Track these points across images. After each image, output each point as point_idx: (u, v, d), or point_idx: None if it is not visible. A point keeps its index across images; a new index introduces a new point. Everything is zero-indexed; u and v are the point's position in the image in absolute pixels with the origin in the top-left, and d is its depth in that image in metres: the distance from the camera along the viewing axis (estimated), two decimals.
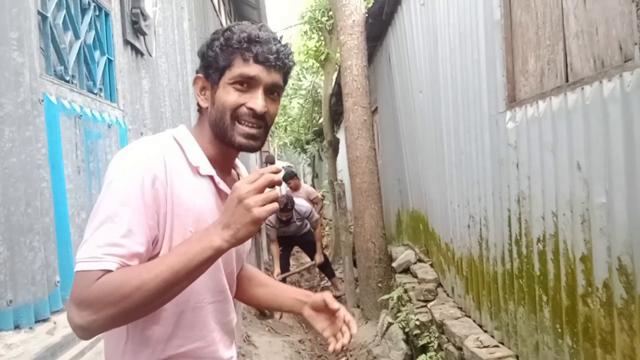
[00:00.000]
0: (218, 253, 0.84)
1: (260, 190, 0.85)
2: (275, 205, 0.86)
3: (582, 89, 1.89)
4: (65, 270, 1.94)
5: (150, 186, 0.88)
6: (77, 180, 2.10)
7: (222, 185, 1.01)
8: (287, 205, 5.85)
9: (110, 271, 0.82)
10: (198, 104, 1.02)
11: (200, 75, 1.02)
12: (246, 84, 0.96)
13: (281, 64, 0.98)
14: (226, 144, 0.99)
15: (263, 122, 0.98)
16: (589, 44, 1.92)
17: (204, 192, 0.98)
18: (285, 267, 6.42)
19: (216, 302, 1.04)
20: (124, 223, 0.85)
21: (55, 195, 1.90)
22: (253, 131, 0.97)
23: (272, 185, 0.87)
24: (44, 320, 1.75)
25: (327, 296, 1.12)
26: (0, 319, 1.52)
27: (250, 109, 0.95)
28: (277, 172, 0.88)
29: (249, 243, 1.20)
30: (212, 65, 0.98)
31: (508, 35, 2.55)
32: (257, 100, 0.96)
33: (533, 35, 2.34)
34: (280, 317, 5.88)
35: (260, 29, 0.99)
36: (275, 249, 6.31)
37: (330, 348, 1.09)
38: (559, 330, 2.14)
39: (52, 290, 1.82)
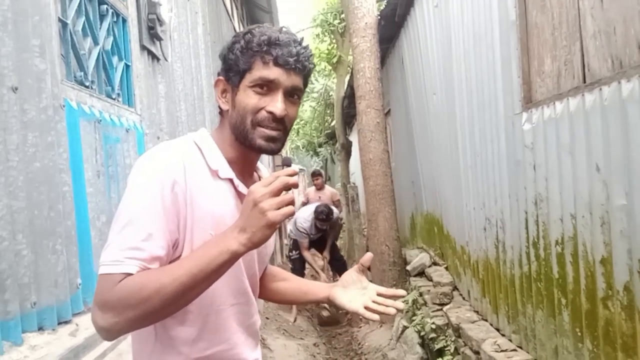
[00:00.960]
0: (235, 257, 0.85)
1: (276, 194, 0.84)
2: (291, 208, 0.84)
3: (600, 89, 1.87)
4: (86, 273, 1.97)
5: (169, 191, 0.90)
6: (97, 184, 2.14)
7: (242, 188, 1.01)
8: (327, 216, 5.89)
9: (131, 274, 0.84)
10: (219, 107, 1.03)
11: (221, 77, 1.03)
12: (266, 87, 0.96)
13: (301, 66, 0.97)
14: (247, 146, 0.99)
15: (282, 125, 0.98)
16: (606, 44, 1.90)
17: (224, 195, 0.99)
18: (301, 269, 6.42)
19: (238, 304, 1.05)
20: (144, 227, 0.87)
21: (77, 199, 1.93)
22: (273, 133, 0.97)
23: (287, 188, 0.86)
24: (66, 322, 1.78)
25: (365, 258, 1.15)
26: (24, 320, 1.55)
27: (270, 112, 0.96)
28: (293, 174, 0.87)
29: (271, 245, 1.22)
30: (233, 68, 0.98)
31: (524, 36, 2.53)
32: (276, 104, 0.95)
33: (549, 36, 2.33)
34: (294, 320, 5.88)
35: (281, 31, 0.99)
36: (309, 254, 6.33)
37: (369, 315, 1.09)
38: (579, 334, 2.11)
39: (74, 293, 1.86)
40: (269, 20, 9.82)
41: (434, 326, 3.55)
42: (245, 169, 1.05)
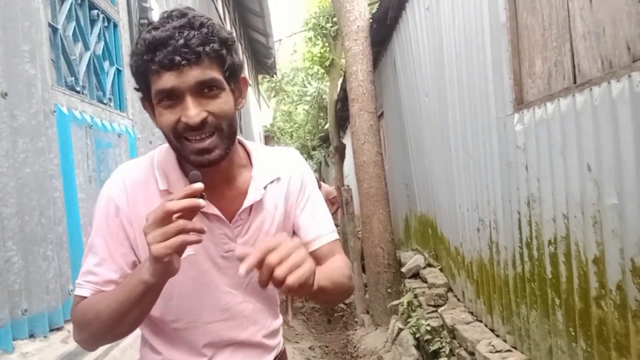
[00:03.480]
0: (149, 287, 0.81)
1: (160, 224, 0.74)
2: (180, 238, 0.74)
3: (591, 90, 1.89)
4: None
5: (114, 216, 0.93)
6: (89, 190, 2.13)
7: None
8: None
9: (86, 297, 0.91)
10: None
11: (142, 100, 0.92)
12: (173, 97, 0.83)
13: (194, 56, 0.80)
14: (188, 163, 0.90)
15: (210, 128, 0.85)
16: (596, 45, 1.92)
17: None
18: None
19: (220, 320, 1.01)
20: (97, 252, 0.92)
21: (68, 205, 1.92)
22: (202, 145, 0.85)
23: (184, 215, 0.75)
24: (58, 329, 1.76)
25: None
26: (15, 328, 1.53)
27: (185, 123, 0.83)
28: (190, 194, 0.76)
29: (304, 240, 1.05)
30: (141, 89, 0.88)
31: (514, 37, 2.55)
32: (187, 112, 0.83)
33: (539, 37, 2.34)
34: (291, 320, 5.87)
35: (166, 21, 0.83)
36: None
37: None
38: (573, 333, 2.12)
39: (66, 299, 1.84)
40: (261, 24, 9.83)
41: (429, 328, 3.55)
42: (210, 181, 0.87)
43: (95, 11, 2.39)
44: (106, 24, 2.54)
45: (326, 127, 11.50)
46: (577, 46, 2.04)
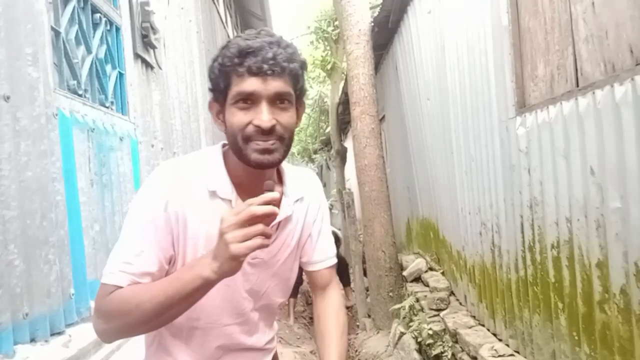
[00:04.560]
0: (207, 283, 0.85)
1: (242, 225, 0.81)
2: (257, 241, 0.81)
3: (594, 93, 1.88)
4: (80, 283, 1.95)
5: (162, 209, 0.93)
6: (91, 193, 2.12)
7: None
8: (335, 243, 5.96)
9: (121, 287, 0.90)
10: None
11: (211, 100, 1.01)
12: (248, 100, 0.91)
13: (279, 69, 0.90)
14: (246, 163, 0.95)
15: (275, 135, 0.93)
16: (599, 48, 1.91)
17: (218, 216, 0.96)
18: (300, 276, 6.41)
19: (234, 324, 1.06)
20: (137, 244, 0.92)
21: (70, 208, 1.92)
22: (267, 145, 0.92)
23: (260, 220, 0.82)
24: (59, 333, 1.76)
25: None
26: (16, 332, 1.53)
27: (257, 126, 0.91)
28: (269, 202, 0.83)
29: (311, 260, 1.17)
30: (216, 89, 0.96)
31: (516, 41, 2.55)
32: (261, 116, 0.90)
33: (542, 41, 2.34)
34: (293, 322, 5.86)
35: (257, 36, 0.93)
36: None
37: None
38: (576, 338, 2.11)
39: (67, 303, 1.83)
40: (262, 27, 9.85)
41: (431, 332, 3.53)
42: (252, 187, 0.97)
43: (98, 15, 2.39)
44: (108, 27, 2.54)
45: (328, 130, 11.50)
46: (579, 49, 2.04)
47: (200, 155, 1.04)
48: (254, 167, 0.95)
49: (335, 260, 1.22)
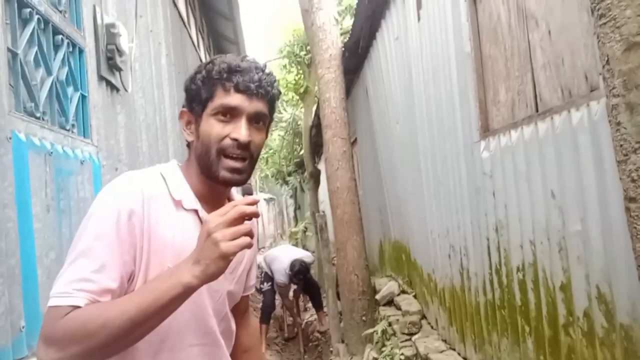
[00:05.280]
0: (188, 290, 0.81)
1: (231, 224, 0.81)
2: (246, 239, 0.82)
3: (552, 118, 1.93)
4: (31, 315, 1.85)
5: (126, 220, 0.88)
6: (46, 220, 2.04)
7: None
8: (305, 275, 6.02)
9: (79, 307, 0.81)
10: (186, 139, 1.02)
11: (184, 109, 1.02)
12: (229, 114, 0.95)
13: (263, 92, 0.96)
14: (211, 178, 0.97)
15: (248, 152, 0.96)
16: (555, 75, 1.97)
17: (186, 227, 0.96)
18: (271, 301, 6.29)
19: (201, 345, 1.00)
20: (97, 258, 0.85)
21: (22, 236, 1.83)
22: (238, 165, 0.95)
23: (247, 218, 0.84)
24: None
25: None
26: None
27: (234, 139, 0.93)
28: (252, 203, 0.85)
29: (249, 279, 1.19)
30: (195, 99, 0.98)
31: (479, 67, 2.61)
32: (240, 130, 0.94)
33: (502, 67, 2.41)
34: (264, 350, 5.72)
35: (243, 59, 0.98)
36: (290, 304, 6.41)
37: None
38: None
39: (17, 336, 1.73)
40: (235, 51, 9.89)
41: (402, 357, 3.49)
42: (214, 201, 1.01)
43: (60, 36, 2.34)
44: (71, 49, 2.49)
45: (301, 153, 11.52)
46: (538, 76, 2.10)
47: (157, 169, 1.01)
48: (220, 184, 0.97)
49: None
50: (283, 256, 6.27)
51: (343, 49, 5.31)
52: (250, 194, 0.90)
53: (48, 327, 0.82)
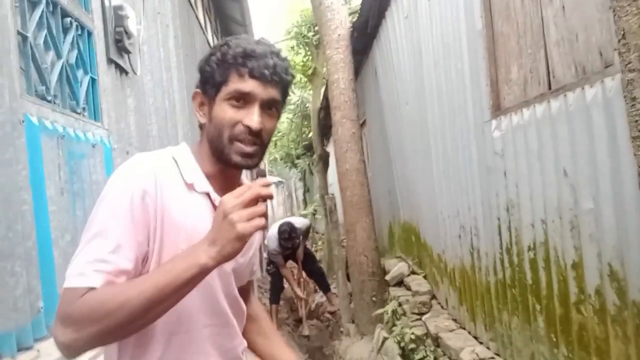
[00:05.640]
0: (204, 270, 0.82)
1: (247, 205, 0.82)
2: (262, 221, 0.82)
3: (565, 95, 1.90)
4: (49, 295, 1.89)
5: (139, 201, 0.88)
6: (61, 202, 2.06)
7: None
8: (290, 234, 5.91)
9: (95, 288, 0.82)
10: (198, 120, 1.02)
11: (198, 90, 1.01)
12: (242, 99, 0.94)
13: (278, 78, 0.95)
14: (223, 162, 0.97)
15: (259, 139, 0.96)
16: (569, 51, 1.94)
17: (199, 209, 0.96)
18: (279, 282, 6.35)
19: (213, 325, 1.01)
20: (112, 238, 0.85)
21: (38, 218, 1.86)
22: (249, 149, 0.95)
23: (262, 199, 0.84)
24: (27, 349, 1.70)
25: None
26: None
27: (246, 126, 0.93)
28: (266, 185, 0.85)
29: (254, 264, 1.19)
30: (209, 81, 0.97)
31: (490, 45, 2.57)
32: (252, 117, 0.93)
33: (515, 45, 2.37)
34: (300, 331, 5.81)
35: (258, 42, 0.97)
36: (287, 272, 6.33)
37: None
38: (554, 339, 2.12)
39: (35, 317, 1.77)
40: (243, 33, 9.82)
41: (413, 336, 3.53)
42: (225, 184, 1.01)
43: (69, 19, 2.34)
44: (80, 32, 2.49)
45: (310, 135, 11.50)
46: (551, 53, 2.06)
47: (169, 151, 1.01)
48: (232, 167, 0.98)
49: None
50: (275, 225, 6.30)
51: (352, 29, 5.24)
52: (264, 176, 0.92)
53: (65, 308, 0.82)
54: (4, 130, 1.67)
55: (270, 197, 0.86)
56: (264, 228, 0.85)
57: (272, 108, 0.97)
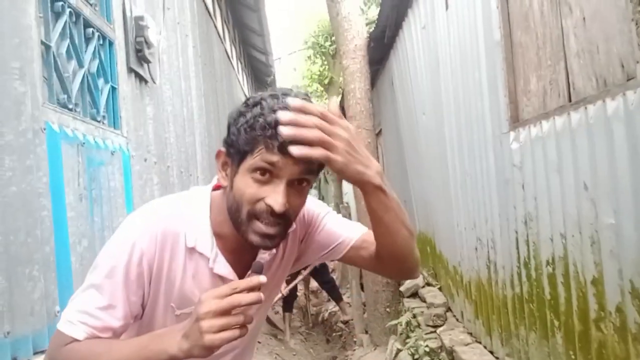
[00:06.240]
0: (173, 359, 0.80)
1: (222, 313, 0.75)
2: (234, 332, 0.76)
3: (586, 108, 1.87)
4: (66, 300, 1.91)
5: (136, 263, 0.88)
6: (79, 208, 2.10)
7: (221, 269, 0.93)
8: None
9: (78, 340, 0.85)
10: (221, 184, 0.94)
11: (222, 150, 0.91)
12: (268, 173, 0.83)
13: None
14: (240, 236, 0.89)
15: (283, 219, 0.86)
16: (590, 63, 1.91)
17: (196, 271, 0.93)
18: (293, 291, 6.33)
19: (228, 352, 1.02)
20: (105, 296, 0.87)
21: (56, 224, 1.89)
22: (270, 231, 0.85)
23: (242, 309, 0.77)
24: (43, 352, 1.71)
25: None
26: None
27: (269, 205, 0.83)
28: (255, 287, 0.77)
29: (279, 285, 1.13)
30: (234, 146, 0.86)
31: (509, 55, 2.55)
32: (277, 197, 0.82)
33: (534, 56, 2.34)
34: (288, 339, 5.78)
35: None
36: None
37: None
38: (572, 356, 2.07)
39: (52, 321, 1.79)
40: (261, 43, 9.92)
41: (427, 349, 3.48)
42: (235, 244, 0.94)
43: (91, 29, 2.39)
44: (101, 42, 2.54)
45: None
46: (571, 64, 2.04)
47: (183, 201, 0.96)
48: (250, 245, 0.89)
49: (365, 228, 1.09)
50: None
51: (368, 39, 5.25)
52: (259, 272, 0.81)
53: (53, 349, 0.88)
54: (26, 138, 1.71)
55: (258, 302, 0.78)
56: (241, 337, 0.77)
57: (303, 182, 0.86)
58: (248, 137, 0.83)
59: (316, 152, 0.78)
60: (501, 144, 2.64)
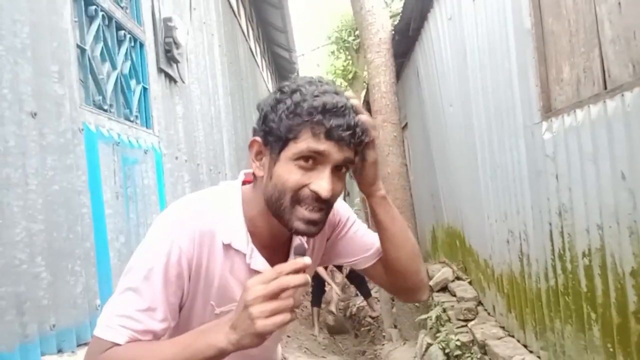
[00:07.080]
0: (222, 354, 0.77)
1: (272, 297, 0.73)
2: (286, 316, 0.73)
3: (622, 95, 1.82)
4: (105, 294, 1.98)
5: (175, 262, 0.85)
6: (116, 205, 2.16)
7: (258, 264, 0.92)
8: None
9: (119, 344, 0.82)
10: (253, 171, 0.91)
11: (257, 139, 0.88)
12: (312, 160, 0.82)
13: (357, 141, 0.83)
14: (281, 224, 0.87)
15: (327, 204, 0.85)
16: (626, 49, 1.85)
17: (233, 268, 0.91)
18: (321, 285, 6.35)
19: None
20: (144, 298, 0.84)
21: (95, 221, 1.96)
22: (315, 216, 0.84)
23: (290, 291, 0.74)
24: (86, 344, 1.78)
25: None
26: (43, 343, 1.55)
27: (314, 191, 0.82)
28: (301, 269, 0.74)
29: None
30: (274, 132, 0.84)
31: (540, 44, 2.49)
32: (322, 183, 0.82)
33: (566, 43, 2.28)
34: (317, 333, 5.82)
35: (336, 93, 0.84)
36: (323, 271, 6.25)
37: None
38: (611, 349, 2.02)
39: (93, 314, 1.86)
40: (284, 40, 9.96)
41: (458, 343, 3.45)
42: (269, 238, 0.93)
43: (123, 32, 2.45)
44: (133, 43, 2.60)
45: None
46: (606, 51, 1.98)
47: (215, 197, 0.94)
48: (291, 233, 0.89)
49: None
50: None
51: (393, 32, 5.21)
52: (303, 254, 0.79)
53: (91, 357, 0.84)
54: (65, 138, 1.77)
55: (305, 285, 0.75)
56: (288, 322, 0.74)
57: (342, 169, 0.86)
58: (292, 123, 0.82)
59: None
60: (533, 135, 2.59)
